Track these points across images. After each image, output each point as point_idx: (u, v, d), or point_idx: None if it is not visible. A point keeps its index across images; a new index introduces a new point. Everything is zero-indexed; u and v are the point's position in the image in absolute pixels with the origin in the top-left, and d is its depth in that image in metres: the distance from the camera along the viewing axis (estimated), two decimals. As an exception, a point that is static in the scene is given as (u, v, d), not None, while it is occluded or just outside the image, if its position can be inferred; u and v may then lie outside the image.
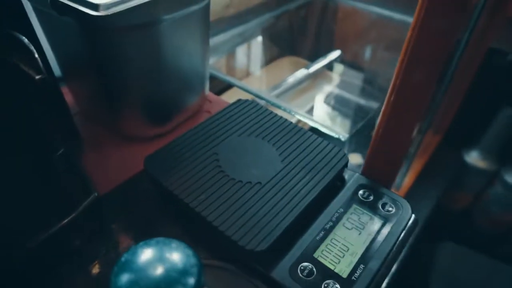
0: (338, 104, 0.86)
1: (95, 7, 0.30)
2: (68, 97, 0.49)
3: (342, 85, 0.92)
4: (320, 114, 0.81)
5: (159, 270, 0.21)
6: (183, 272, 0.21)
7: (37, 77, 0.28)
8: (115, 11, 0.30)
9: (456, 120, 0.94)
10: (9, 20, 0.32)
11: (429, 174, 0.86)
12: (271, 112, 0.48)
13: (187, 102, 0.49)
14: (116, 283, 0.21)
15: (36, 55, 0.28)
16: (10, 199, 0.30)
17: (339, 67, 0.93)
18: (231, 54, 0.85)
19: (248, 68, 0.90)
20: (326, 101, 0.85)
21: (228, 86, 0.79)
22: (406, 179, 0.81)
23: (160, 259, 0.22)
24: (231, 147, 0.42)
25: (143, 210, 0.40)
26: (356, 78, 0.91)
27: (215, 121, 0.46)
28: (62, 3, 0.34)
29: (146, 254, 0.22)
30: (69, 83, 0.49)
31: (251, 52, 0.88)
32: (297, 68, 0.90)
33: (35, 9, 0.40)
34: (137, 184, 0.43)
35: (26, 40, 0.28)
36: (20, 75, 0.28)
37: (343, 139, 0.51)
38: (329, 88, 0.88)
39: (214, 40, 0.78)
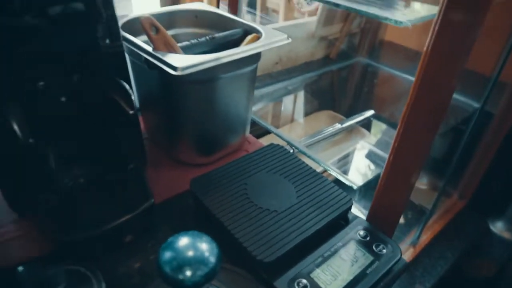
0: (363, 157, 0.95)
1: (175, 68, 0.43)
2: (141, 124, 0.63)
3: (370, 140, 1.01)
4: (344, 165, 0.90)
5: (191, 252, 0.31)
6: (207, 257, 0.31)
7: (131, 112, 0.41)
8: (187, 72, 0.44)
9: (482, 187, 0.97)
10: (115, 68, 0.46)
11: (448, 236, 0.90)
12: (296, 157, 0.58)
13: (230, 141, 0.61)
14: (161, 256, 0.31)
15: (133, 97, 0.41)
16: (96, 196, 0.42)
17: (371, 125, 1.03)
18: (275, 104, 0.98)
19: (288, 117, 1.02)
20: (353, 153, 0.94)
21: (268, 131, 0.91)
22: (423, 237, 0.86)
23: (193, 244, 0.32)
24: (259, 180, 0.53)
25: (184, 219, 0.51)
26: (385, 135, 1.00)
27: (249, 158, 0.57)
28: (153, 62, 0.47)
29: (184, 240, 0.32)
30: (144, 114, 0.63)
31: (293, 104, 1.01)
32: (333, 121, 1.01)
33: (131, 61, 0.55)
34: (183, 199, 0.54)
35: (127, 86, 0.41)
36: (119, 109, 0.42)
37: (354, 188, 0.60)
38: (358, 142, 0.97)
39: (261, 91, 0.92)
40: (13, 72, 0.38)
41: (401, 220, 0.80)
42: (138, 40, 0.49)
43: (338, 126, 0.96)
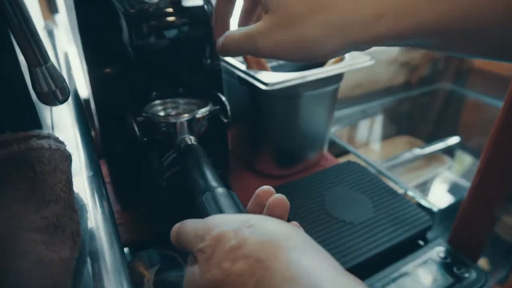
0: (443, 184, 0.91)
1: (265, 84, 0.49)
2: (226, 138, 0.69)
3: (452, 168, 0.96)
4: (423, 190, 0.87)
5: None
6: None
7: (225, 120, 0.47)
8: (276, 88, 0.48)
9: None
10: (214, 85, 0.53)
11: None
12: (374, 175, 0.59)
13: (309, 155, 0.65)
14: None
15: (228, 107, 0.46)
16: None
17: (454, 152, 0.98)
18: (353, 126, 0.99)
19: (366, 140, 1.02)
20: (433, 180, 0.91)
21: (345, 151, 0.93)
22: (512, 276, 0.79)
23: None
24: (336, 193, 0.55)
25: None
26: (469, 163, 0.94)
27: (327, 172, 0.59)
28: (245, 79, 0.53)
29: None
30: (230, 127, 0.69)
31: (370, 127, 1.01)
32: (411, 147, 0.99)
33: (224, 79, 0.61)
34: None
35: (224, 98, 0.47)
36: (215, 117, 0.48)
37: (434, 210, 0.59)
38: (438, 169, 0.93)
39: (340, 113, 0.94)
40: (137, 84, 0.46)
41: (487, 255, 0.75)
42: (233, 60, 0.56)
43: (418, 151, 0.94)
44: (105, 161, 0.53)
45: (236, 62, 0.55)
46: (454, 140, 0.99)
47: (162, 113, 0.47)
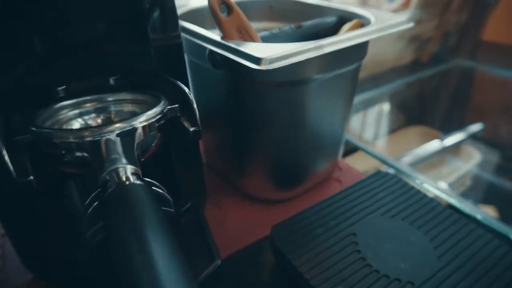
0: (477, 182, 0.74)
1: (257, 60, 0.28)
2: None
3: (481, 161, 0.79)
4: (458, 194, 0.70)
5: None
6: None
7: (192, 128, 0.26)
8: (277, 67, 0.28)
9: None
10: (169, 68, 0.32)
11: None
12: (417, 191, 0.40)
13: (318, 167, 0.45)
14: None
15: (195, 106, 0.26)
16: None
17: (481, 143, 0.81)
18: (357, 118, 0.81)
19: (374, 133, 0.83)
20: (465, 178, 0.73)
21: (352, 149, 0.74)
22: None
23: None
24: (372, 228, 0.35)
25: (262, 285, 0.35)
26: (503, 158, 0.78)
27: (350, 194, 0.40)
28: (220, 57, 0.33)
29: None
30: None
31: (378, 118, 0.82)
32: (426, 139, 0.81)
33: (189, 62, 0.41)
34: (258, 253, 0.38)
35: (187, 90, 0.27)
36: (174, 123, 0.27)
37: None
38: (468, 165, 0.76)
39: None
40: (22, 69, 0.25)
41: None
42: (201, 29, 0.35)
43: (438, 143, 0.76)
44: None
45: (206, 32, 0.35)
46: (476, 127, 0.82)
47: (75, 123, 0.27)
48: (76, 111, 0.28)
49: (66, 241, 0.32)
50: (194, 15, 0.46)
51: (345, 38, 0.33)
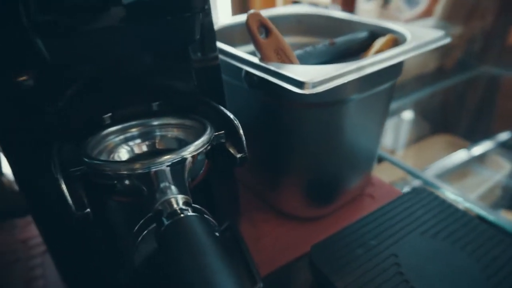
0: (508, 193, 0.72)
1: (300, 84, 0.28)
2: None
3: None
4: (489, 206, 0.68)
5: None
6: None
7: (238, 155, 0.26)
8: (320, 91, 0.28)
9: None
10: (209, 91, 0.32)
11: None
12: (455, 208, 0.39)
13: (353, 183, 0.44)
14: None
15: (241, 132, 0.26)
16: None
17: (508, 151, 0.79)
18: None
19: (399, 143, 0.82)
20: (494, 189, 0.72)
21: (378, 160, 0.73)
22: None
23: None
24: (414, 249, 0.35)
25: (301, 307, 0.35)
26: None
27: (388, 212, 0.39)
28: (257, 78, 0.33)
29: None
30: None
31: (403, 127, 0.81)
32: (452, 148, 0.80)
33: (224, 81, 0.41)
34: (296, 272, 0.38)
35: (232, 116, 0.27)
36: (225, 151, 0.27)
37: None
38: (497, 175, 0.74)
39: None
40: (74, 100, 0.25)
41: None
42: (238, 51, 0.35)
43: (465, 153, 0.75)
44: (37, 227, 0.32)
45: (243, 53, 0.35)
46: (504, 135, 0.80)
47: (123, 153, 0.27)
48: (122, 137, 0.28)
49: (108, 260, 0.32)
50: (223, 33, 0.46)
51: (385, 58, 0.33)
